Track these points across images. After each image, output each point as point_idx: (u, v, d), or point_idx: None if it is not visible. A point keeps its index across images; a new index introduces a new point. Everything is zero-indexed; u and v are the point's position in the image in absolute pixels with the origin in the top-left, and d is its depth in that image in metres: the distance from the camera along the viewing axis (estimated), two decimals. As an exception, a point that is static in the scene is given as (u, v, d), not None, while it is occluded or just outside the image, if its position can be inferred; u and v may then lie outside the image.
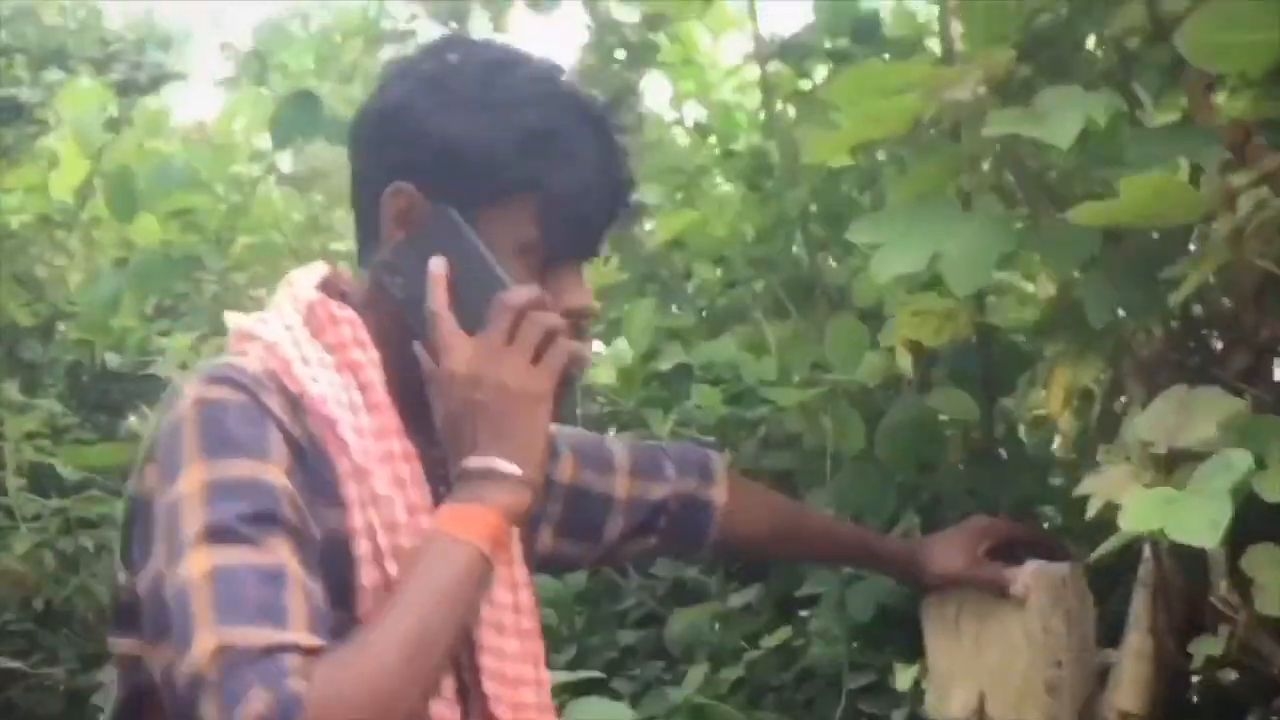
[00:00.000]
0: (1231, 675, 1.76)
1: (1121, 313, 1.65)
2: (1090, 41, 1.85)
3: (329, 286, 1.49)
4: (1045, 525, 2.12)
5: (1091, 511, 1.49)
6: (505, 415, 1.36)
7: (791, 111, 2.39)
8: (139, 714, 1.40)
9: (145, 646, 1.35)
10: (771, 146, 2.40)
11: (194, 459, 1.29)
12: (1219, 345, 1.78)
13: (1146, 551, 1.76)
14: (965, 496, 2.05)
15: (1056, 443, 2.19)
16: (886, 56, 2.37)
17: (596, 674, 2.08)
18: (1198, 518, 1.36)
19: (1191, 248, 1.68)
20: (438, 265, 1.39)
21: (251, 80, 3.02)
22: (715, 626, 2.35)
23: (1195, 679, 1.81)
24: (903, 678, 1.83)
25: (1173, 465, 1.50)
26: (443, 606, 1.30)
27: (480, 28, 2.60)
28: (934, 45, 2.33)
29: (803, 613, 2.39)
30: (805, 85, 2.40)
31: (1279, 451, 1.43)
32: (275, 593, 1.24)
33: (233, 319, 1.49)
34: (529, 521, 1.58)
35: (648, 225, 2.37)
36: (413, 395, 1.43)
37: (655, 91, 2.74)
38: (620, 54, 2.55)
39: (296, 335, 1.42)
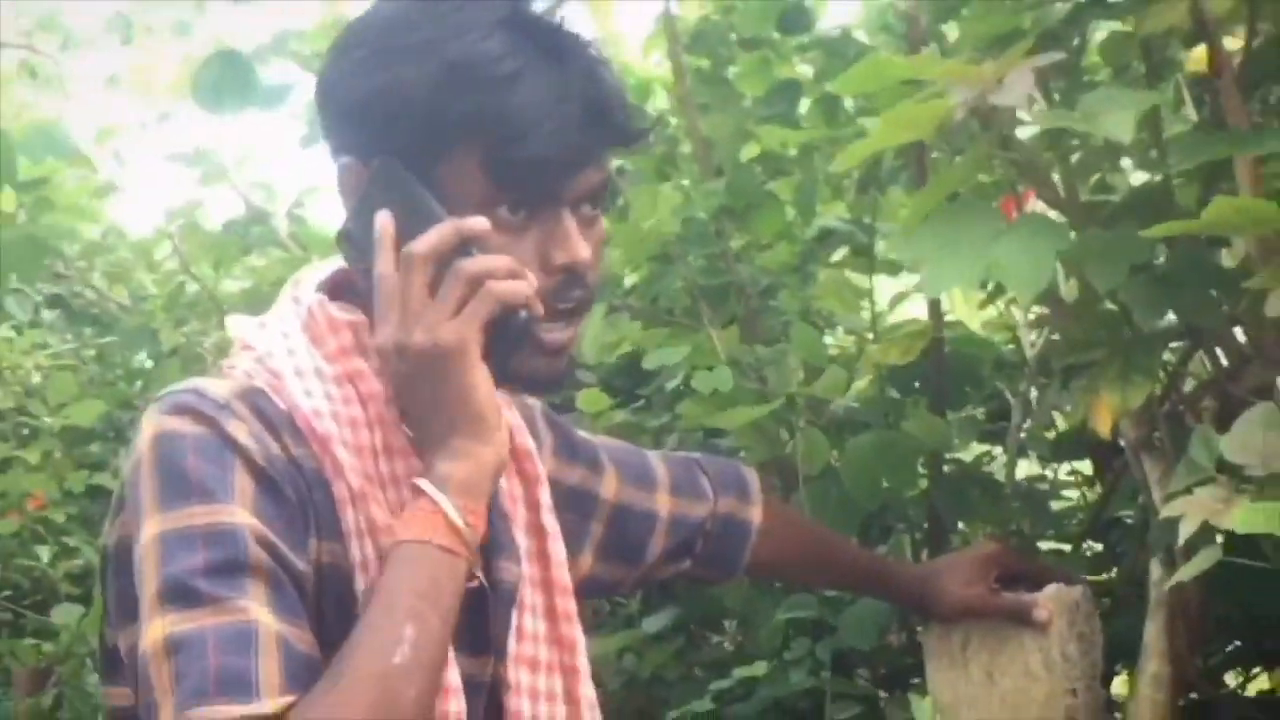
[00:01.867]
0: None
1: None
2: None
3: (338, 285, 1.34)
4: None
5: (1186, 533, 1.44)
6: (429, 382, 1.22)
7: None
8: None
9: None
10: (681, 134, 2.29)
11: (151, 509, 1.17)
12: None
13: (1155, 574, 1.73)
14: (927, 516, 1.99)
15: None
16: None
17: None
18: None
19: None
20: (383, 219, 1.24)
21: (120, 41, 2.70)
22: (621, 656, 2.22)
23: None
24: (921, 709, 1.74)
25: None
26: (406, 627, 1.16)
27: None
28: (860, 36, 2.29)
29: (715, 637, 2.30)
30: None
31: (1371, 471, 1.41)
32: (239, 657, 1.13)
33: (235, 324, 1.35)
34: (572, 546, 1.48)
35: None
36: None
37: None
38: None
39: (293, 344, 1.28)
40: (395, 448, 1.27)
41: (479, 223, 1.22)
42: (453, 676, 1.25)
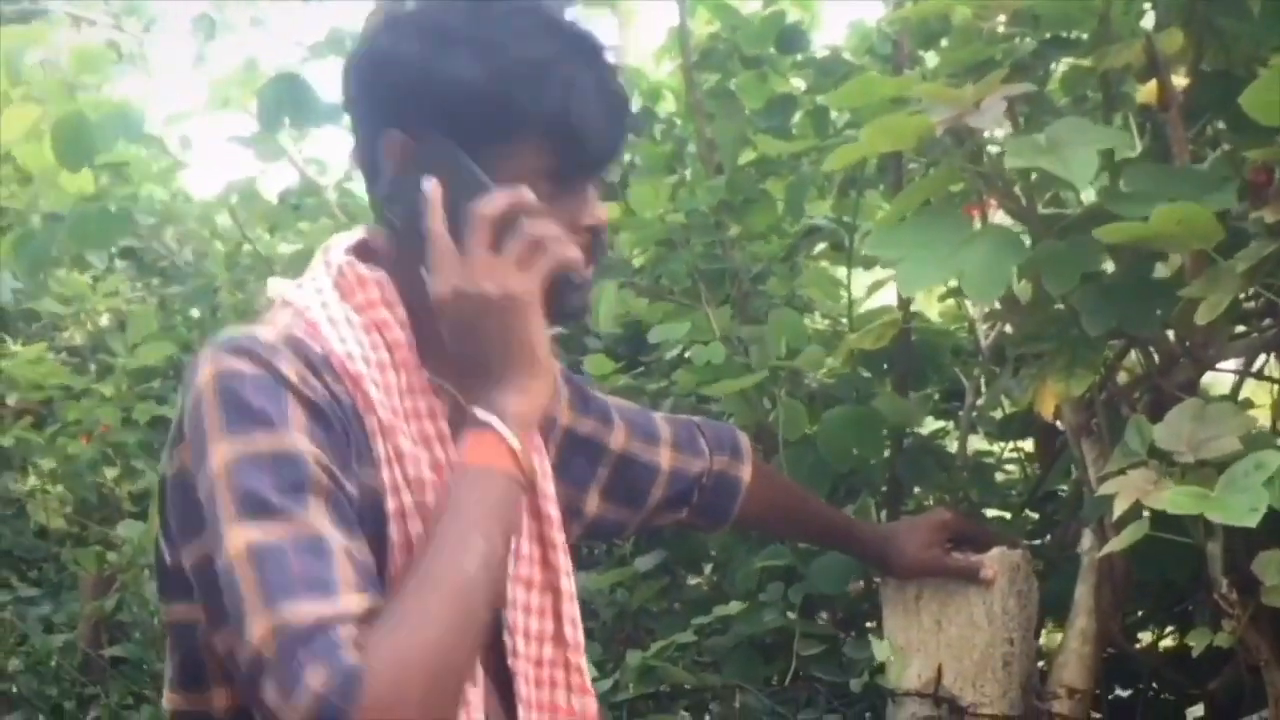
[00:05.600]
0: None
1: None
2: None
3: (362, 249, 1.34)
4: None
5: (1119, 509, 1.44)
6: (496, 327, 1.22)
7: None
8: (198, 678, 1.27)
9: (196, 612, 1.24)
10: (688, 135, 2.28)
11: (217, 436, 1.15)
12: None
13: (1086, 542, 1.73)
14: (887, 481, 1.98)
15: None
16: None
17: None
18: (1237, 504, 1.35)
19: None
20: (433, 184, 1.24)
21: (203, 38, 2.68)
22: (614, 590, 2.22)
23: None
24: (880, 649, 1.73)
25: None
26: (478, 541, 1.16)
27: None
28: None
29: (695, 579, 2.29)
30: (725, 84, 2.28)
31: (1280, 463, 1.40)
32: (318, 563, 1.11)
33: (274, 285, 1.35)
34: (579, 485, 1.53)
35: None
36: (444, 347, 1.28)
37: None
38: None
39: (326, 298, 1.28)
40: (417, 387, 1.28)
41: (529, 194, 1.23)
42: None
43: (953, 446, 2.12)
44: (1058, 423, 1.79)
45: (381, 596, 1.14)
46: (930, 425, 2.27)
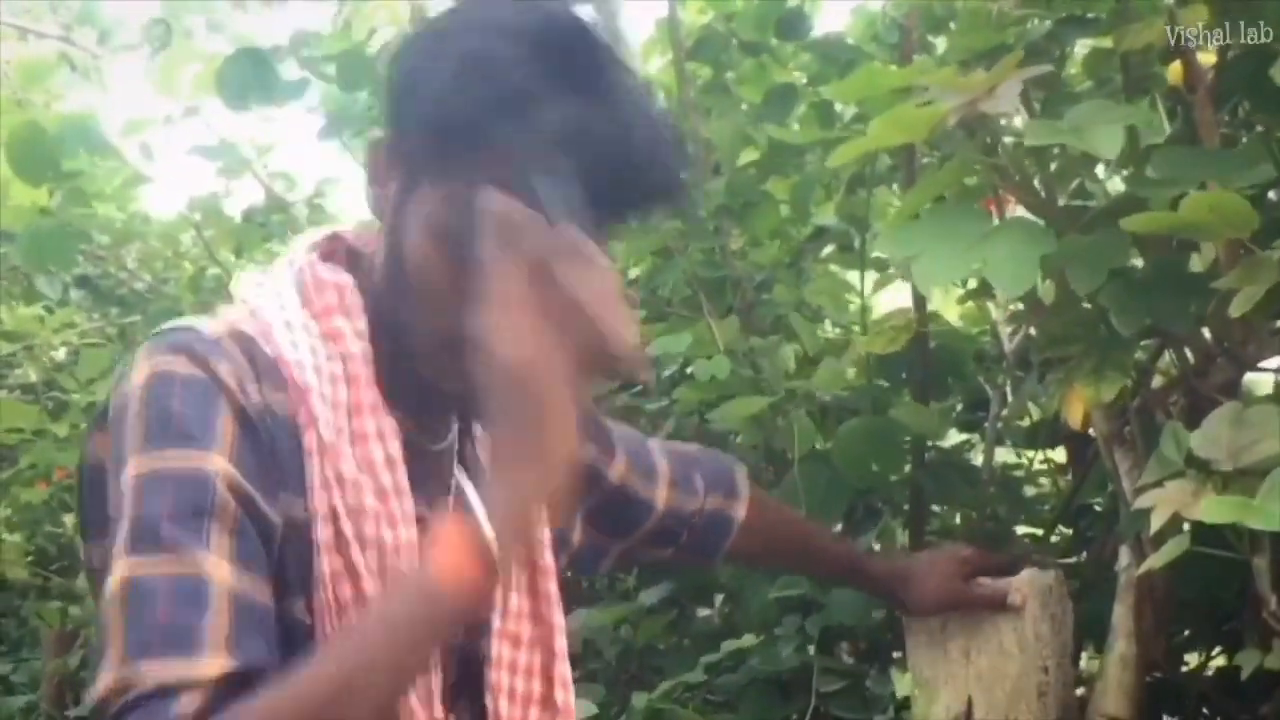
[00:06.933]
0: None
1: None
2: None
3: (332, 246, 1.32)
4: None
5: (1157, 523, 1.44)
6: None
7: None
8: None
9: None
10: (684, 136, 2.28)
11: (136, 447, 1.13)
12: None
13: (1124, 559, 1.73)
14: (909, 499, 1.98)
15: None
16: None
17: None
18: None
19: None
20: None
21: (154, 45, 2.69)
22: (618, 627, 2.22)
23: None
24: (905, 683, 1.73)
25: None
26: (385, 654, 1.08)
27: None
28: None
29: (705, 611, 2.30)
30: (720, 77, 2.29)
31: (1328, 468, 1.41)
32: (190, 612, 1.08)
33: (240, 281, 1.32)
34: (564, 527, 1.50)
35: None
36: (408, 369, 1.25)
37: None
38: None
39: (284, 300, 1.26)
40: (365, 405, 1.23)
41: None
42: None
43: (978, 460, 2.13)
44: (1089, 431, 1.80)
45: (258, 650, 1.10)
46: (954, 438, 2.27)
